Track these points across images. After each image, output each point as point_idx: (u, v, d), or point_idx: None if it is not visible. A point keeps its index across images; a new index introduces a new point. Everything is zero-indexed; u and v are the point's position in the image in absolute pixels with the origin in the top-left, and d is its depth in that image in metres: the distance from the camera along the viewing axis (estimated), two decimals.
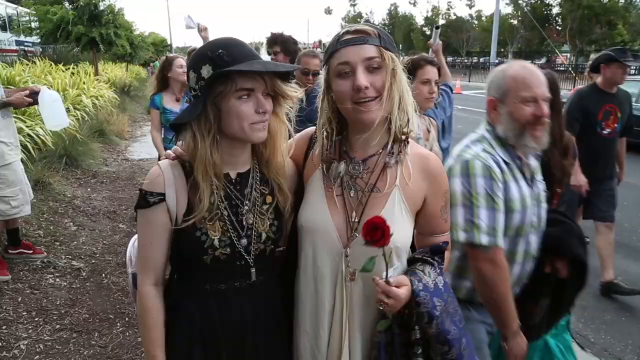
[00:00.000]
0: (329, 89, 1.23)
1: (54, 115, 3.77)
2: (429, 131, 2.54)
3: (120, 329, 3.09)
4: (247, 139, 1.20)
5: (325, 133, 1.27)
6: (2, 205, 3.39)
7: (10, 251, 3.73)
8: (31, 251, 3.79)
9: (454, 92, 3.39)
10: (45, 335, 2.96)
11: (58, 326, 3.06)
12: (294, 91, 1.24)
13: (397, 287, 1.13)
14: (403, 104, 1.20)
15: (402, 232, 1.23)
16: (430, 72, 2.45)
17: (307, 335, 1.32)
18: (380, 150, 1.26)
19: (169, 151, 1.29)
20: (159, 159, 2.46)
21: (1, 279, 3.46)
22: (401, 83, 1.19)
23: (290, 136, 1.35)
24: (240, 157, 1.28)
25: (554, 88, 2.33)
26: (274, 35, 3.42)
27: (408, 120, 1.22)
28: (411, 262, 1.28)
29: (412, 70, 2.34)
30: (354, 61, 1.15)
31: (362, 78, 1.14)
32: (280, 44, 3.35)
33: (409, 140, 1.27)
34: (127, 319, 3.20)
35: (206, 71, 1.14)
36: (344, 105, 1.19)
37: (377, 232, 1.05)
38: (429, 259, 1.26)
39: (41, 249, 3.90)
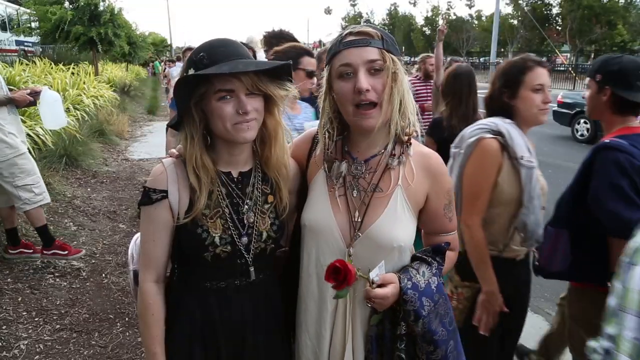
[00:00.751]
0: (330, 89, 1.23)
1: (52, 114, 3.86)
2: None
3: (120, 329, 3.09)
4: (231, 139, 1.20)
5: (327, 133, 1.27)
6: (26, 194, 3.49)
7: (10, 251, 3.74)
8: (31, 250, 3.79)
9: None
10: (45, 335, 2.96)
11: (58, 326, 3.06)
12: (283, 89, 1.23)
13: (383, 284, 1.15)
14: (403, 107, 1.19)
15: (404, 230, 1.24)
16: (543, 75, 1.89)
17: (309, 335, 1.32)
18: (382, 151, 1.26)
19: (172, 150, 1.30)
20: None
21: (77, 256, 3.82)
22: (402, 86, 1.18)
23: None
24: (240, 157, 1.28)
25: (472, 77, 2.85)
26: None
27: (409, 122, 1.22)
28: (412, 260, 1.29)
29: (517, 74, 1.88)
30: (356, 63, 1.15)
31: (364, 81, 1.13)
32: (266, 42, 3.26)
33: (411, 141, 1.27)
34: (127, 319, 3.20)
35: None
36: (344, 107, 1.19)
37: (340, 275, 1.09)
38: (428, 258, 1.26)
39: (39, 248, 3.89)
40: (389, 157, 1.24)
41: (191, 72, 1.15)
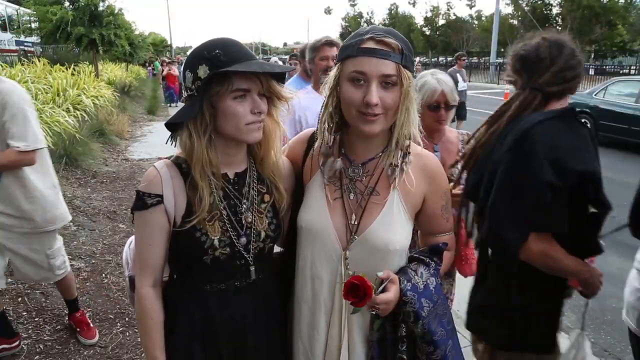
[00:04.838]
0: (336, 85, 1.21)
1: None
2: None
3: (120, 329, 3.09)
4: (242, 139, 1.20)
5: (326, 126, 1.26)
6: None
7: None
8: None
9: None
10: (45, 335, 2.96)
11: (58, 326, 3.06)
12: (289, 93, 1.25)
13: (384, 289, 1.13)
14: (408, 123, 1.17)
15: (400, 234, 1.23)
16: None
17: (302, 338, 1.32)
18: (380, 154, 1.25)
19: None
20: None
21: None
22: (411, 104, 1.16)
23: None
24: (237, 157, 1.28)
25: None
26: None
27: (410, 133, 1.21)
28: (409, 261, 1.29)
29: None
30: (371, 74, 1.12)
31: (375, 95, 1.11)
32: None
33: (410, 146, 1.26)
34: (127, 319, 3.20)
35: (203, 71, 1.13)
36: (348, 110, 1.18)
37: (359, 292, 1.08)
38: (425, 259, 1.26)
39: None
40: (389, 167, 1.22)
41: (203, 68, 1.13)
